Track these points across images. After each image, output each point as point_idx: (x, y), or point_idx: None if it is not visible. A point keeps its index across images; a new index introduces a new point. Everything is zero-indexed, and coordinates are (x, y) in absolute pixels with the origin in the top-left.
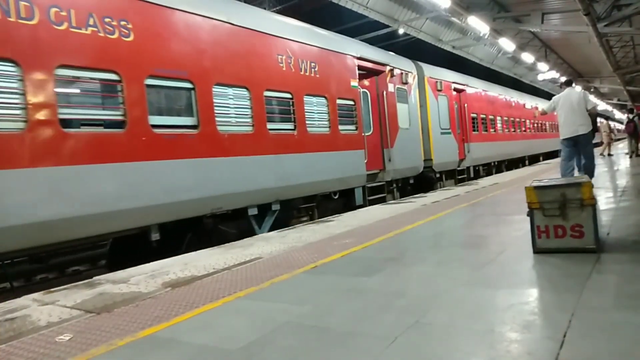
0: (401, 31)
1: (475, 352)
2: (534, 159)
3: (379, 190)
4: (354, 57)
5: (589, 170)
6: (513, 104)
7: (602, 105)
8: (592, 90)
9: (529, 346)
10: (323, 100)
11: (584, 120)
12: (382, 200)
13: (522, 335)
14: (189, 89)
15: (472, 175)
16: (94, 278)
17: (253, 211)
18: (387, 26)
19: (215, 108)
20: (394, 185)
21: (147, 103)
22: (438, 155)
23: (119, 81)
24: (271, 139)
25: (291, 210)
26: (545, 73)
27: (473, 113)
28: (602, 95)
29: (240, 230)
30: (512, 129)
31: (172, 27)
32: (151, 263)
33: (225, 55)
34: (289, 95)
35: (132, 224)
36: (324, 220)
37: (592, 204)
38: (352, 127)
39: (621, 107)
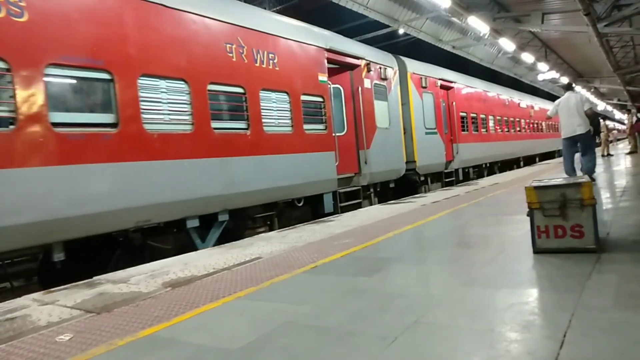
0: (401, 31)
1: (475, 351)
2: (529, 160)
3: (355, 196)
4: (322, 48)
5: (589, 168)
6: (507, 102)
7: (601, 105)
8: (592, 90)
9: (528, 346)
10: (284, 96)
11: (581, 121)
12: (357, 207)
13: (522, 335)
14: (106, 81)
15: (461, 178)
16: (94, 278)
17: (193, 223)
18: (387, 26)
19: (142, 103)
20: (371, 189)
21: (48, 97)
22: (422, 156)
23: (7, 70)
24: (217, 139)
25: (245, 221)
26: (545, 73)
27: (462, 112)
28: (602, 96)
29: (178, 245)
30: (506, 129)
31: (84, 7)
32: (151, 263)
33: (157, 42)
34: (240, 90)
35: (24, 243)
36: (324, 220)
37: (592, 204)
38: (321, 126)
39: (621, 107)
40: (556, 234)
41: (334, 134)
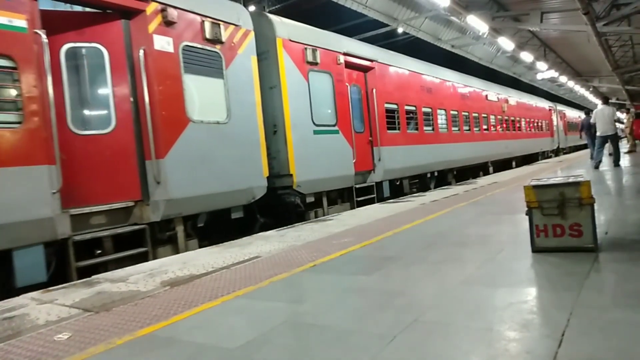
0: (400, 30)
1: (473, 350)
2: (503, 165)
3: (138, 241)
4: None
5: (616, 156)
6: (467, 93)
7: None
8: (591, 89)
9: (527, 345)
10: None
11: (612, 126)
12: (142, 259)
13: (521, 333)
14: None
15: (387, 193)
16: (93, 277)
17: None
18: (386, 25)
19: None
20: (179, 227)
21: None
22: (306, 167)
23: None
24: None
25: None
26: (544, 72)
27: (390, 103)
28: (600, 95)
29: None
30: (465, 127)
31: None
32: (150, 262)
33: None
34: None
35: None
36: (323, 219)
37: (591, 203)
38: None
39: (620, 107)
40: (555, 233)
41: (52, 131)
